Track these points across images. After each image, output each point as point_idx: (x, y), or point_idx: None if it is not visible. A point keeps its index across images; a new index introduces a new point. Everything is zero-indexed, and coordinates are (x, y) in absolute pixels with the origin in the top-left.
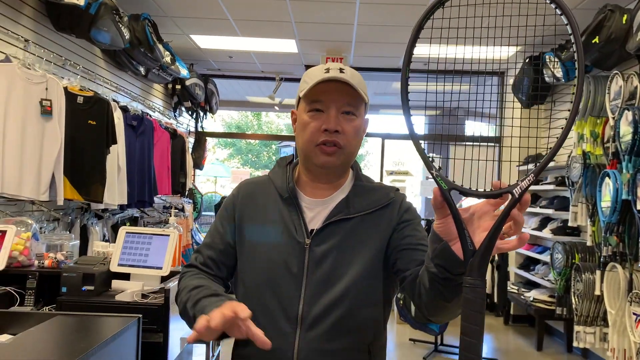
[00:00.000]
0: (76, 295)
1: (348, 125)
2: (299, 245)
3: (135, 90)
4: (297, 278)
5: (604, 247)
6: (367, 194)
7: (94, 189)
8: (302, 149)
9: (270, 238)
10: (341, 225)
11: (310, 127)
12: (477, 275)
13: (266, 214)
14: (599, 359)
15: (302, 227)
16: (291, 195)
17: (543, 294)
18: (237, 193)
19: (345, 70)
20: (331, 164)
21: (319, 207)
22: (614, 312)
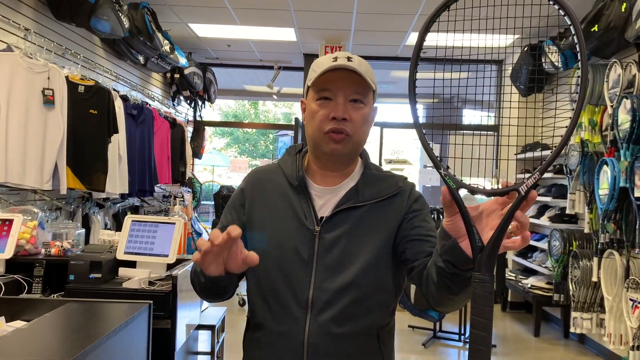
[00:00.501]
0: (84, 282)
1: (356, 114)
2: (309, 233)
3: (135, 80)
4: (307, 264)
5: (601, 234)
6: (376, 182)
7: (96, 178)
8: (311, 137)
9: (280, 225)
10: (350, 213)
11: (319, 116)
12: (485, 271)
13: (276, 201)
14: (596, 345)
15: (312, 215)
16: (301, 184)
17: (540, 281)
18: (247, 181)
19: (353, 58)
20: (339, 151)
21: (329, 195)
22: (610, 298)
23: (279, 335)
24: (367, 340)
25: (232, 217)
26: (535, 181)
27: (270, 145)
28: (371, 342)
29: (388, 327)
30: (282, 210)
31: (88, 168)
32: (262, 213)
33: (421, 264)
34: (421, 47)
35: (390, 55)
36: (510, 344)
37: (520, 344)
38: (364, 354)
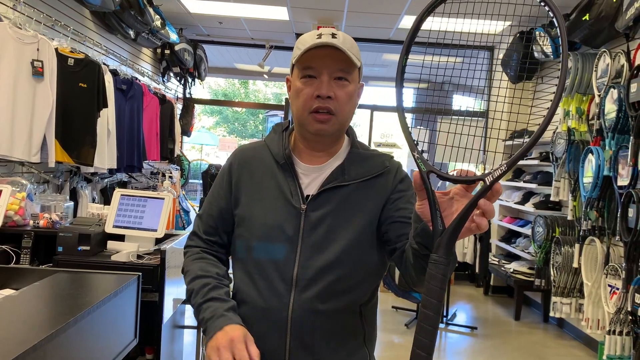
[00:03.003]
0: (72, 254)
1: (341, 91)
2: (295, 211)
3: (124, 54)
4: (292, 242)
5: (583, 221)
6: (362, 161)
7: (84, 152)
8: (296, 116)
9: (266, 203)
10: (336, 192)
11: (303, 94)
12: (443, 254)
13: (262, 179)
14: (574, 329)
15: (297, 193)
16: (287, 162)
17: (523, 266)
18: (233, 159)
19: (337, 35)
20: (324, 131)
21: (315, 173)
22: (590, 284)
23: (264, 311)
24: (350, 317)
25: (220, 196)
26: (502, 173)
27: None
28: (354, 318)
29: (370, 304)
30: (269, 188)
31: (77, 142)
32: (249, 190)
33: (402, 245)
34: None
35: (382, 38)
36: (491, 327)
37: (501, 327)
38: (346, 330)
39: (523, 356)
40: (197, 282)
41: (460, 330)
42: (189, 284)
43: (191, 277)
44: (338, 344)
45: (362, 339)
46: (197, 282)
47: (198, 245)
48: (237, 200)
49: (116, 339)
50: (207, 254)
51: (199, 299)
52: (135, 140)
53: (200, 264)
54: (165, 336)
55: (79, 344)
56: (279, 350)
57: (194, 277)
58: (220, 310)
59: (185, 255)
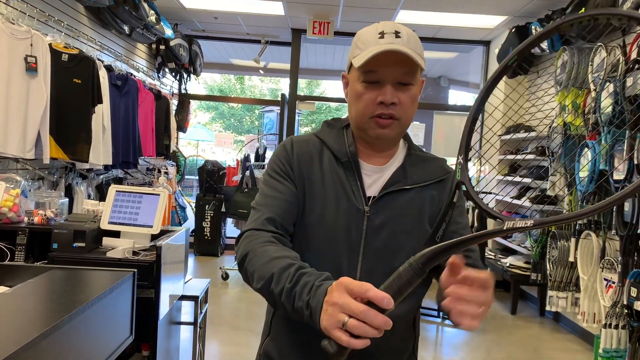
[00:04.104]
0: (67, 251)
1: (404, 96)
2: (359, 213)
3: (119, 50)
4: (354, 245)
5: None
6: (422, 164)
7: (79, 148)
8: (355, 119)
9: (328, 202)
10: (399, 196)
11: (365, 99)
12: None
13: (325, 176)
14: (570, 323)
15: (360, 194)
16: (351, 160)
17: (519, 260)
18: (290, 150)
19: (401, 33)
20: (386, 136)
21: (377, 174)
22: (586, 277)
23: None
24: (406, 324)
25: (283, 186)
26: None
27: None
28: (409, 325)
29: (419, 310)
30: (330, 186)
31: (71, 138)
32: (310, 187)
33: None
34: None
35: None
36: (487, 321)
37: (497, 321)
38: (402, 339)
39: (519, 350)
40: (275, 263)
41: None
42: (261, 268)
43: (264, 261)
44: (395, 353)
45: (412, 345)
46: (274, 264)
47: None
48: (303, 197)
49: (111, 336)
50: (278, 241)
51: (286, 283)
52: (131, 136)
53: (273, 247)
54: (162, 332)
55: (73, 341)
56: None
57: (269, 260)
58: (317, 282)
59: (245, 241)
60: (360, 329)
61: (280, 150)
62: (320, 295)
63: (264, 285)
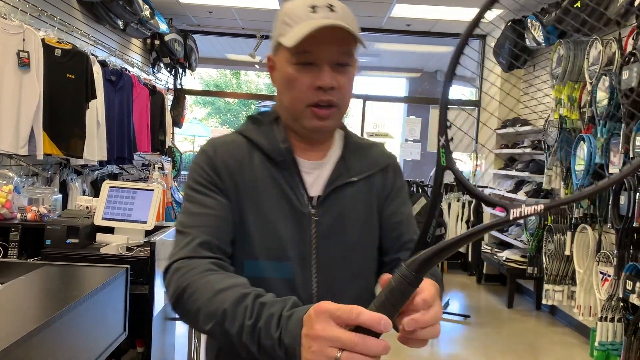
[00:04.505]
0: (60, 247)
1: (343, 78)
2: (305, 217)
3: (113, 45)
4: (306, 256)
5: (575, 209)
6: (362, 152)
7: (73, 144)
8: (289, 109)
9: (269, 210)
10: (344, 191)
11: (299, 85)
12: (415, 270)
13: (258, 181)
14: (566, 316)
15: (303, 195)
16: (287, 158)
17: (515, 254)
18: (213, 155)
19: (335, 6)
20: (326, 127)
21: (317, 170)
22: (582, 271)
23: None
24: None
25: (212, 200)
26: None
27: None
28: None
29: None
30: (270, 192)
31: (65, 133)
32: (247, 196)
33: (392, 261)
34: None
35: (374, 27)
36: (483, 315)
37: (494, 315)
38: None
39: (516, 344)
40: (224, 297)
41: (453, 318)
42: (207, 305)
43: (209, 295)
44: None
45: None
46: (222, 297)
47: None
48: (238, 210)
49: (105, 333)
50: (219, 267)
51: (246, 320)
52: (126, 131)
53: (216, 276)
54: (156, 329)
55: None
56: None
57: (215, 293)
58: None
59: (177, 274)
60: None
61: (201, 157)
62: (295, 327)
63: (214, 325)
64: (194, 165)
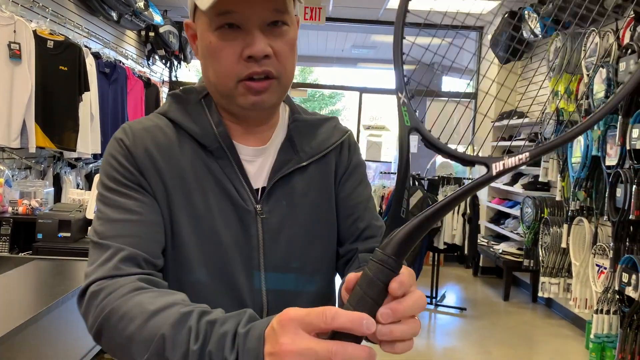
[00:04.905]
0: (52, 241)
1: (280, 43)
2: (249, 214)
3: (107, 37)
4: (252, 261)
5: (572, 201)
6: (312, 130)
7: (66, 137)
8: (216, 85)
9: (205, 209)
10: (294, 179)
11: (225, 57)
12: (393, 253)
13: (189, 174)
14: (562, 309)
15: (245, 189)
16: (222, 145)
17: (512, 247)
18: (131, 144)
19: None
20: (264, 103)
21: (260, 157)
22: (578, 263)
23: None
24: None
25: (136, 202)
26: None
27: None
28: None
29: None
30: (204, 186)
31: (58, 126)
32: (177, 194)
33: (347, 253)
34: None
35: (371, 19)
36: (480, 308)
37: (490, 308)
38: None
39: (512, 336)
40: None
41: (449, 311)
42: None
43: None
44: None
45: None
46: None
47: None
48: (167, 212)
49: None
50: (149, 284)
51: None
52: (120, 124)
53: (147, 296)
54: None
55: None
56: None
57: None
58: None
59: (95, 299)
60: None
61: (116, 147)
62: (255, 346)
63: (151, 356)
64: (107, 158)
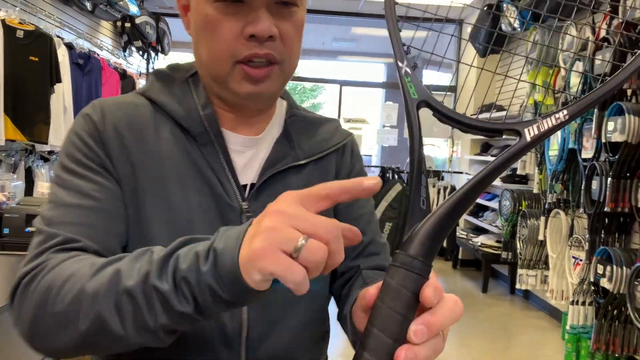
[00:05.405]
0: (19, 236)
1: (288, 24)
2: (233, 212)
3: (81, 27)
4: None
5: (549, 194)
6: (311, 127)
7: (38, 129)
8: (209, 66)
9: (181, 203)
10: (290, 177)
11: (223, 32)
12: (421, 254)
13: (164, 160)
14: (539, 300)
15: (230, 183)
16: (208, 130)
17: (490, 239)
18: (100, 121)
19: None
20: (263, 94)
21: (251, 149)
22: (555, 255)
23: None
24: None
25: (95, 185)
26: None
27: None
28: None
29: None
30: (182, 176)
31: (29, 118)
32: (148, 181)
33: (348, 270)
34: None
35: (351, 11)
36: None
37: (469, 300)
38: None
39: (490, 328)
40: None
41: None
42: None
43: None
44: None
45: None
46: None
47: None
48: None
49: None
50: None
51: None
52: None
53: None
54: None
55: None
56: None
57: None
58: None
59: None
60: (320, 255)
61: (81, 124)
62: (235, 234)
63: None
64: (70, 135)
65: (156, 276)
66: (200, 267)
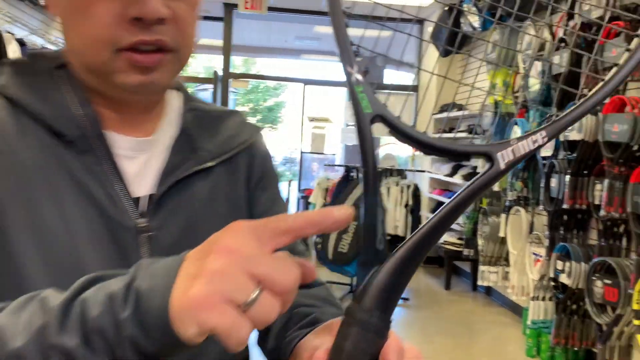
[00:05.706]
0: None
1: (181, 4)
2: (127, 232)
3: (34, 23)
4: None
5: (509, 192)
6: (214, 123)
7: None
8: (82, 54)
9: (58, 227)
10: (196, 184)
11: (98, 13)
12: (377, 307)
13: (32, 174)
14: (500, 296)
15: (120, 196)
16: (88, 134)
17: (452, 237)
18: None
19: None
20: (155, 85)
21: (143, 152)
22: (515, 252)
23: None
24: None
25: None
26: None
27: None
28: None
29: None
30: (59, 194)
31: None
32: (16, 207)
33: None
34: None
35: (314, 10)
36: (422, 297)
37: (432, 297)
38: None
39: (453, 325)
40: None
41: None
42: None
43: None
44: None
45: None
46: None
47: None
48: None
49: None
50: None
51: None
52: None
53: None
54: None
55: None
56: None
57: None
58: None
59: None
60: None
61: None
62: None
63: None
64: None
65: (57, 330)
66: (118, 313)
